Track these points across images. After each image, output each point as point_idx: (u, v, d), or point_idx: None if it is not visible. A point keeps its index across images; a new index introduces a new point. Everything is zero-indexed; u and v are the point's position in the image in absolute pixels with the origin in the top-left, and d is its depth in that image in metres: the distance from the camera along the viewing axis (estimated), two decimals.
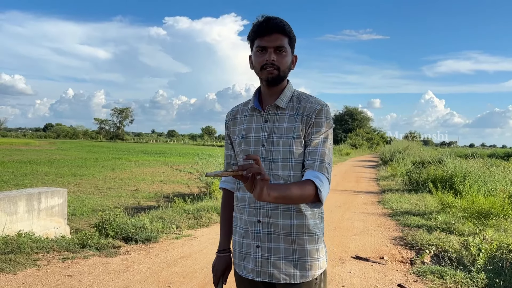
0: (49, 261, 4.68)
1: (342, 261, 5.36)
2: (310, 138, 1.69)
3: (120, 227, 5.97)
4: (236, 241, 1.82)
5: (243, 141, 1.79)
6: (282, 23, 1.69)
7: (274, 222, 1.69)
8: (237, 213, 1.83)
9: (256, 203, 1.71)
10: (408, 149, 27.63)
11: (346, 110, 70.59)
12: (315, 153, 1.67)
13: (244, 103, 1.91)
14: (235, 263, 1.83)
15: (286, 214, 1.68)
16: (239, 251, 1.79)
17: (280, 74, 1.70)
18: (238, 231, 1.81)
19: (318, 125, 1.70)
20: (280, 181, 1.68)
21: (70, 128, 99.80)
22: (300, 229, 1.69)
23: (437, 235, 6.44)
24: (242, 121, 1.84)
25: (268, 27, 1.67)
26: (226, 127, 1.92)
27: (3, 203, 5.68)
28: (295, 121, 1.71)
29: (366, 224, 7.69)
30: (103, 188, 14.03)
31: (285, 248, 1.69)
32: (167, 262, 4.99)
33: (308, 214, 1.70)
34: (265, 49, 1.68)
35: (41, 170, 18.75)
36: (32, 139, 73.09)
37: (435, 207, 8.91)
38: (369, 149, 55.98)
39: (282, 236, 1.68)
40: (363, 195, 11.98)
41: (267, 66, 1.68)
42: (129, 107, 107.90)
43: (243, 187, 1.75)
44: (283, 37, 1.68)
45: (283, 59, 1.70)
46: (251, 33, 1.73)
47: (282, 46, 1.68)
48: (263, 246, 1.70)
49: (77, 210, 9.84)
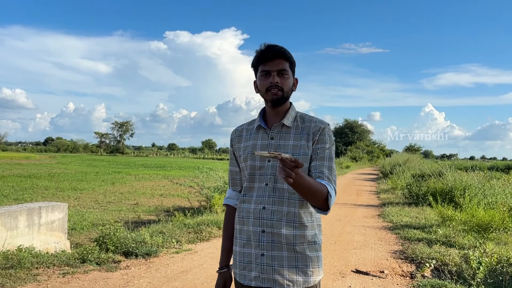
0: (50, 276, 4.68)
1: (342, 275, 5.36)
2: (316, 153, 1.83)
3: (120, 241, 5.97)
4: (237, 252, 1.91)
5: (249, 156, 1.90)
6: (283, 49, 1.85)
7: (277, 232, 1.80)
8: (239, 224, 1.92)
9: (261, 214, 1.82)
10: (408, 162, 27.64)
11: (346, 123, 70.64)
12: (322, 166, 1.81)
13: (248, 123, 2.04)
14: (236, 273, 1.91)
15: (289, 225, 1.80)
16: (240, 261, 1.88)
17: (284, 95, 1.85)
18: (239, 242, 1.90)
19: (322, 141, 1.85)
20: (285, 194, 1.82)
21: (70, 142, 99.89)
22: (302, 239, 1.81)
23: (437, 248, 6.43)
24: (248, 139, 1.96)
25: (270, 53, 1.84)
26: (231, 144, 2.04)
27: (3, 217, 5.70)
28: (300, 139, 1.86)
29: (366, 238, 7.69)
30: (103, 202, 14.02)
31: (288, 256, 1.80)
32: (167, 277, 4.99)
33: (308, 225, 1.84)
34: (268, 73, 1.84)
35: (41, 184, 18.75)
36: (33, 153, 73.14)
37: (435, 220, 8.91)
38: (369, 162, 55.89)
39: (285, 245, 1.80)
40: (364, 209, 11.97)
41: (271, 88, 1.83)
42: (129, 120, 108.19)
43: (248, 199, 1.88)
44: (285, 61, 1.85)
45: (286, 81, 1.85)
46: (255, 60, 1.89)
47: (284, 69, 1.84)
48: (267, 254, 1.81)
49: (77, 225, 9.82)
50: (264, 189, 1.85)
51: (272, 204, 1.82)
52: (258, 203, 1.85)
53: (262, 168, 1.87)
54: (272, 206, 1.82)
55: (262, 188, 1.85)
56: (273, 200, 1.82)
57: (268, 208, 1.82)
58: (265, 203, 1.83)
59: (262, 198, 1.84)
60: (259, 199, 1.85)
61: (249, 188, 1.90)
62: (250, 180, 1.90)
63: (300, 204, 1.82)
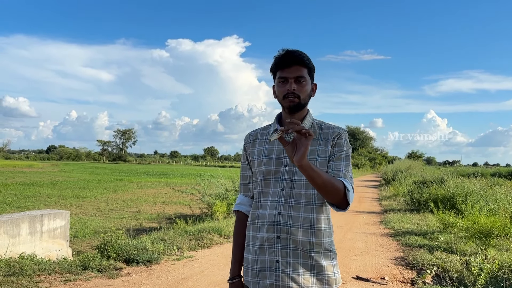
0: (51, 283, 4.71)
1: (343, 281, 5.36)
2: (333, 155, 1.83)
3: (122, 248, 5.99)
4: (249, 259, 1.86)
5: (264, 161, 1.88)
6: (301, 55, 1.84)
7: (293, 239, 1.77)
8: (252, 231, 1.87)
9: (276, 219, 1.78)
10: (411, 168, 27.61)
11: (348, 130, 70.66)
12: (339, 165, 1.80)
13: (263, 128, 2.03)
14: (248, 281, 1.86)
15: (306, 231, 1.77)
16: (253, 269, 1.84)
17: (301, 102, 1.84)
18: (252, 249, 1.86)
19: (339, 145, 1.85)
20: (302, 200, 1.79)
21: (72, 150, 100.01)
22: (318, 246, 1.78)
23: (438, 255, 6.43)
24: (262, 143, 1.95)
25: (288, 59, 1.82)
26: (245, 148, 2.01)
27: (6, 225, 5.74)
28: (318, 145, 1.85)
29: (368, 245, 7.69)
30: (105, 209, 14.04)
31: (303, 263, 1.76)
32: (168, 283, 5.01)
33: (325, 232, 1.81)
34: (286, 79, 1.82)
35: (44, 192, 18.80)
36: (35, 161, 73.34)
37: (437, 227, 8.91)
38: (371, 168, 55.89)
39: (301, 251, 1.77)
40: (365, 215, 11.97)
41: (288, 95, 1.81)
42: (132, 128, 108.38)
43: (263, 205, 1.85)
44: (303, 68, 1.83)
45: (303, 88, 1.83)
46: (273, 66, 1.87)
47: (301, 76, 1.82)
48: (282, 261, 1.77)
49: (79, 232, 9.84)
50: (280, 194, 1.81)
51: (288, 209, 1.79)
52: (273, 208, 1.81)
53: (277, 173, 1.84)
54: (288, 212, 1.78)
55: (278, 193, 1.82)
56: (289, 206, 1.79)
57: (284, 213, 1.78)
58: (281, 208, 1.79)
59: (278, 204, 1.81)
60: (274, 204, 1.81)
61: (263, 194, 1.87)
62: (265, 185, 1.87)
63: (318, 209, 1.79)
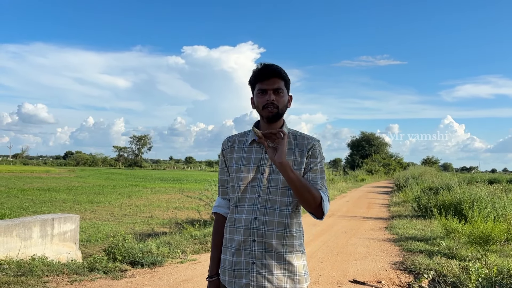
0: (58, 283, 4.97)
1: (339, 285, 5.51)
2: (309, 167, 1.96)
3: (128, 251, 6.24)
4: (227, 260, 1.98)
5: (242, 168, 1.99)
6: (279, 69, 1.98)
7: (268, 242, 1.90)
8: (229, 234, 1.99)
9: (252, 224, 1.91)
10: (424, 175, 27.45)
11: (363, 136, 70.25)
12: (315, 178, 1.94)
13: (241, 134, 2.14)
14: (225, 280, 1.99)
15: (280, 235, 1.91)
16: (230, 269, 1.96)
17: (279, 112, 1.98)
18: (229, 251, 1.98)
19: (314, 156, 1.99)
20: (277, 206, 1.92)
21: (89, 156, 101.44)
22: (290, 248, 1.92)
23: (437, 260, 6.53)
24: (240, 151, 2.06)
25: (267, 72, 1.96)
26: (223, 153, 2.15)
27: (18, 228, 6.03)
28: (294, 155, 1.98)
29: (369, 249, 7.81)
30: (118, 215, 14.33)
31: (277, 264, 1.90)
32: (169, 285, 5.23)
33: (297, 236, 1.95)
34: (265, 91, 1.96)
35: (60, 197, 19.26)
36: (53, 166, 74.61)
37: (440, 232, 8.96)
38: (385, 175, 55.43)
39: (275, 254, 1.90)
40: (372, 221, 12.05)
41: (268, 106, 1.95)
42: (147, 134, 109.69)
43: (240, 210, 1.97)
44: (280, 80, 1.97)
45: (281, 99, 1.97)
46: (252, 78, 2.03)
47: (279, 88, 1.97)
48: (257, 262, 1.90)
49: (92, 237, 10.11)
50: (256, 200, 1.93)
51: (263, 215, 1.90)
52: (249, 213, 1.92)
53: (255, 180, 1.96)
54: (263, 217, 1.90)
55: (254, 199, 1.93)
56: (264, 211, 1.91)
57: (259, 218, 1.90)
58: (257, 213, 1.91)
59: (254, 209, 1.92)
60: (251, 209, 1.92)
61: (241, 199, 1.97)
62: (243, 191, 1.97)
63: (291, 215, 1.93)
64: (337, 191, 24.03)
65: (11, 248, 5.91)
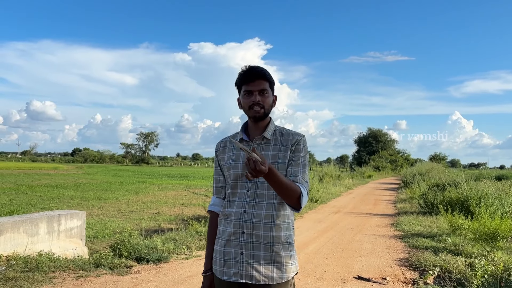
0: (64, 279, 5.02)
1: (343, 281, 5.51)
2: (291, 160, 2.07)
3: (134, 248, 6.28)
4: (218, 250, 2.11)
5: (232, 166, 2.12)
6: (264, 71, 2.09)
7: (256, 233, 2.02)
8: (222, 226, 2.12)
9: (242, 217, 2.04)
10: (431, 171, 27.31)
11: (370, 132, 70.03)
12: (297, 171, 2.05)
13: (232, 135, 2.27)
14: (216, 270, 2.11)
15: (267, 227, 2.02)
16: (221, 259, 2.08)
17: (265, 112, 2.10)
18: (221, 241, 2.10)
19: (298, 151, 2.10)
20: (265, 199, 2.04)
21: (97, 153, 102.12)
22: (277, 240, 2.03)
23: (443, 256, 6.49)
24: (231, 150, 2.19)
25: (252, 74, 2.08)
26: (216, 154, 2.27)
27: (25, 225, 6.09)
28: (279, 150, 2.10)
29: (375, 246, 7.79)
30: (125, 211, 14.38)
31: (264, 255, 2.01)
32: (174, 281, 5.26)
33: (283, 227, 2.06)
34: (251, 92, 2.07)
35: (67, 194, 19.36)
36: (61, 163, 75.23)
37: (447, 229, 8.92)
38: (392, 171, 55.23)
39: (262, 245, 2.01)
40: (378, 218, 12.02)
41: (254, 106, 2.07)
42: (154, 131, 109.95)
43: (231, 204, 2.10)
44: (265, 82, 2.09)
45: (266, 99, 2.09)
46: (238, 81, 2.15)
47: (264, 89, 2.08)
48: (246, 253, 2.02)
49: (99, 233, 10.15)
50: (245, 195, 2.06)
51: (252, 208, 2.03)
52: (239, 207, 2.05)
53: (244, 176, 2.06)
54: (252, 210, 2.03)
55: (244, 193, 2.07)
56: (253, 205, 2.03)
57: (248, 211, 2.03)
58: (246, 207, 2.04)
59: (243, 203, 2.05)
60: (241, 203, 2.05)
61: (232, 194, 2.11)
62: (233, 187, 2.10)
63: (278, 207, 2.03)
64: (344, 188, 23.99)
65: (18, 244, 5.97)
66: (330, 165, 33.20)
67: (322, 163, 58.30)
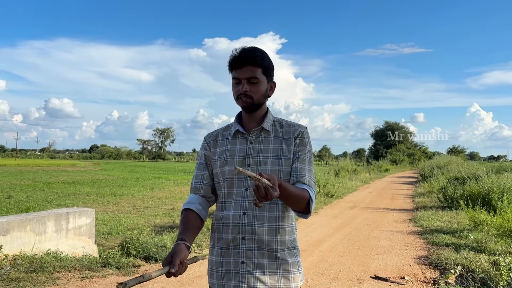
0: (69, 280, 4.87)
1: (359, 281, 5.26)
2: (297, 156, 1.81)
3: (142, 246, 6.12)
4: (214, 261, 1.83)
5: (227, 161, 1.84)
6: (253, 55, 1.78)
7: (259, 239, 1.75)
8: (217, 233, 1.84)
9: (241, 220, 1.76)
10: (450, 164, 26.74)
11: (387, 125, 69.16)
12: (303, 169, 1.79)
13: (223, 128, 1.98)
14: (213, 283, 1.84)
15: (271, 230, 1.75)
16: (218, 271, 1.81)
17: (255, 102, 1.82)
18: (216, 251, 1.83)
19: (302, 144, 1.84)
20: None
21: (114, 149, 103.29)
22: (283, 245, 1.77)
23: (465, 254, 6.19)
24: (224, 144, 1.90)
25: (240, 60, 1.78)
26: (204, 147, 1.96)
27: (32, 223, 5.97)
28: (281, 143, 1.83)
29: (392, 243, 7.50)
30: (141, 207, 14.32)
31: (269, 263, 1.75)
32: (181, 281, 5.08)
33: (288, 230, 1.80)
34: (239, 80, 1.80)
35: (84, 190, 19.44)
36: (78, 160, 76.21)
37: (468, 225, 8.57)
38: (410, 165, 54.49)
39: (266, 251, 1.75)
40: (395, 213, 11.69)
41: (241, 96, 1.80)
42: (170, 127, 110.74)
43: (227, 206, 1.81)
44: (256, 68, 1.78)
45: (256, 89, 1.80)
46: (228, 65, 1.85)
47: (254, 77, 1.78)
48: (248, 262, 1.75)
49: (113, 229, 10.06)
50: (244, 194, 1.78)
51: (253, 209, 1.76)
52: (237, 209, 1.78)
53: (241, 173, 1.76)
54: (253, 212, 1.76)
55: (242, 193, 1.79)
56: (253, 206, 1.74)
57: (248, 213, 1.75)
58: (245, 208, 1.76)
59: (242, 204, 1.77)
60: (239, 204, 1.78)
61: (227, 194, 1.83)
62: (229, 186, 1.82)
63: (282, 208, 1.78)
64: (360, 182, 23.62)
65: (25, 243, 5.86)
66: (346, 159, 32.67)
67: (338, 157, 57.82)
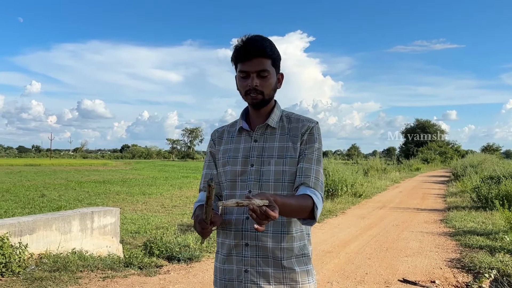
0: (91, 280, 4.86)
1: (387, 284, 5.06)
2: (303, 154, 1.66)
3: (165, 246, 6.09)
4: (217, 268, 1.74)
5: (230, 161, 1.73)
6: (263, 45, 1.64)
7: (263, 245, 1.62)
8: (221, 237, 1.73)
9: (244, 225, 1.64)
10: (484, 162, 25.88)
11: (418, 123, 67.72)
12: (309, 170, 1.63)
13: (230, 124, 1.87)
14: None
15: (276, 236, 1.62)
16: (221, 278, 1.71)
17: (265, 98, 1.68)
18: (220, 257, 1.73)
19: (311, 141, 1.68)
20: None
21: (144, 149, 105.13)
22: (290, 252, 1.63)
23: (500, 257, 5.90)
24: (228, 142, 1.79)
25: (248, 51, 1.63)
26: (210, 145, 1.86)
27: (58, 222, 6.03)
28: (287, 141, 1.69)
29: (423, 245, 7.23)
30: (169, 206, 14.40)
31: (274, 272, 1.62)
32: (203, 282, 5.00)
33: (297, 236, 1.66)
34: (248, 74, 1.65)
35: (114, 189, 19.73)
36: (110, 159, 77.89)
37: (504, 226, 8.19)
38: (442, 163, 53.15)
39: (271, 259, 1.62)
40: (426, 213, 11.33)
41: (251, 92, 1.65)
42: (199, 127, 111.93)
43: (230, 210, 1.69)
44: (265, 60, 1.65)
45: (266, 83, 1.66)
46: (233, 57, 1.70)
47: (264, 69, 1.65)
48: (251, 270, 1.64)
49: (141, 228, 10.13)
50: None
51: None
52: (240, 212, 1.65)
53: (244, 173, 1.68)
54: None
55: (245, 195, 1.64)
56: None
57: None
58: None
59: (245, 207, 1.64)
60: (241, 208, 1.63)
61: (229, 197, 1.70)
62: (231, 187, 1.70)
63: None
64: (390, 181, 23.15)
65: (51, 241, 5.92)
66: (376, 157, 32.06)
67: (368, 156, 56.95)
